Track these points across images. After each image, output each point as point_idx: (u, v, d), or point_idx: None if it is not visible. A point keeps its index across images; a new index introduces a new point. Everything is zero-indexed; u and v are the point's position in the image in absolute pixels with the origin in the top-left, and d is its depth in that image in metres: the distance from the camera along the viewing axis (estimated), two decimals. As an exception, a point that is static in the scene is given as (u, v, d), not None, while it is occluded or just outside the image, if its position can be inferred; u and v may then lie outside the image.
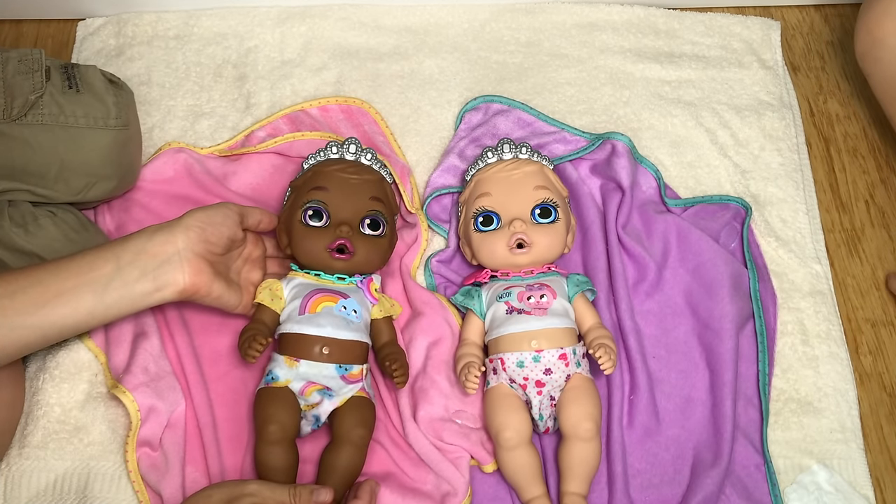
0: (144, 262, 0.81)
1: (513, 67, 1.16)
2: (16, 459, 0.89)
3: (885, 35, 1.01)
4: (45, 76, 0.93)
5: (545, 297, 0.90)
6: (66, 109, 0.93)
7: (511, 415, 0.87)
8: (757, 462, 0.91)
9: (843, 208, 1.10)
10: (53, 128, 0.92)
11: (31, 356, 0.94)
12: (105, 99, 0.95)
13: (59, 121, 0.92)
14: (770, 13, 1.24)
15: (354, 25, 1.19)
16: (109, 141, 0.95)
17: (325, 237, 0.90)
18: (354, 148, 0.96)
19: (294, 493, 0.78)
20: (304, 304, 0.88)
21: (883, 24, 1.01)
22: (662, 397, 0.93)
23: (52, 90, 0.93)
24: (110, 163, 0.96)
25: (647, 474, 0.90)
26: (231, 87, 1.13)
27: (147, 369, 0.91)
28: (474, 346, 0.92)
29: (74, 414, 0.91)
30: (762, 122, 1.12)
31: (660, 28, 1.20)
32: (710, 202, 1.04)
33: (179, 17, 1.18)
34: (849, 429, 0.93)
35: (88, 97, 0.94)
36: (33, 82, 0.92)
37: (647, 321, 0.97)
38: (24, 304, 0.78)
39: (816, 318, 0.99)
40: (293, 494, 0.78)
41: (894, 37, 1.00)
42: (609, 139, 1.04)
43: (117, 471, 0.89)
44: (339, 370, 0.86)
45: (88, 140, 0.93)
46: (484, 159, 0.99)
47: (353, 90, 1.13)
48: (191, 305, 0.93)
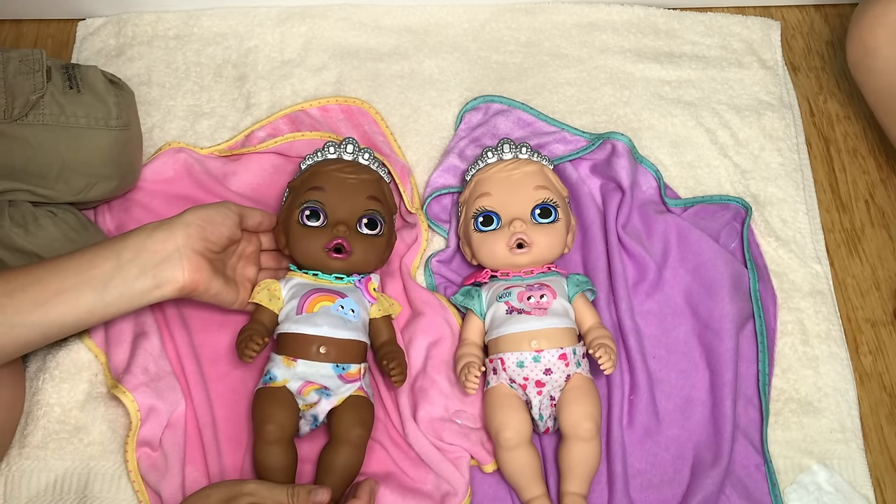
0: (144, 260, 0.81)
1: (513, 67, 1.16)
2: (16, 459, 0.89)
3: (878, 44, 0.96)
4: (46, 76, 0.93)
5: (545, 297, 0.90)
6: (67, 110, 0.93)
7: (511, 415, 0.87)
8: (757, 462, 0.91)
9: (843, 208, 1.10)
10: (54, 128, 0.92)
11: (31, 356, 0.94)
12: (106, 99, 0.95)
13: (59, 121, 0.92)
14: (770, 13, 1.24)
15: (354, 25, 1.19)
16: (110, 141, 0.95)
17: (322, 237, 0.90)
18: (352, 148, 0.96)
19: (292, 493, 0.78)
20: (301, 303, 0.88)
21: (875, 32, 0.96)
22: (662, 397, 0.93)
23: (52, 90, 0.93)
24: (111, 163, 0.96)
25: (647, 474, 0.90)
26: (231, 87, 1.13)
27: (147, 369, 0.91)
28: (474, 346, 0.92)
29: (74, 414, 0.91)
30: (762, 122, 1.12)
31: (660, 28, 1.20)
32: (710, 202, 1.04)
33: (179, 17, 1.18)
34: (849, 429, 0.93)
35: (89, 97, 0.94)
36: (34, 82, 0.92)
37: (647, 321, 0.97)
38: (23, 302, 0.77)
39: (816, 318, 0.99)
40: (291, 494, 0.78)
41: (888, 46, 0.96)
42: (609, 139, 1.04)
43: (117, 471, 0.89)
44: (336, 369, 0.86)
45: (89, 140, 0.93)
46: (484, 159, 0.99)
47: (353, 90, 1.13)
48: (190, 304, 0.93)
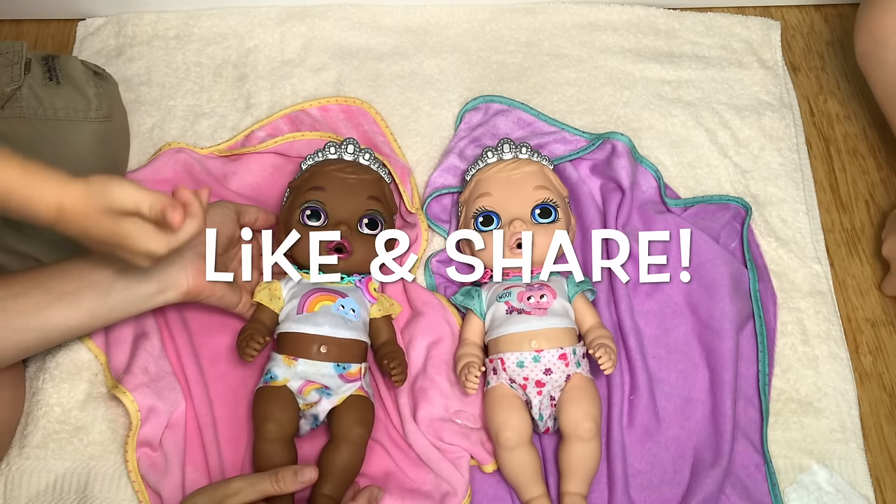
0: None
1: (513, 67, 1.16)
2: (16, 459, 0.89)
3: (888, 35, 0.96)
4: (24, 69, 0.91)
5: (545, 297, 0.90)
6: (45, 102, 0.91)
7: (511, 415, 0.87)
8: (757, 462, 0.91)
9: (843, 208, 1.09)
10: (32, 121, 0.90)
11: (31, 356, 0.94)
12: (86, 90, 0.93)
13: (37, 113, 0.90)
14: (770, 13, 1.24)
15: (354, 25, 1.19)
16: (91, 133, 0.93)
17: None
18: (352, 148, 0.96)
19: (276, 479, 0.77)
20: (302, 303, 0.88)
21: (885, 22, 0.96)
22: (662, 397, 0.93)
23: (31, 82, 0.91)
24: (93, 155, 0.94)
25: (647, 474, 0.90)
26: (231, 87, 1.13)
27: (147, 370, 0.91)
28: (474, 346, 0.92)
29: (74, 414, 0.91)
30: (762, 122, 1.12)
31: (660, 28, 1.20)
32: (710, 202, 1.04)
33: (179, 17, 1.18)
34: (849, 429, 0.93)
35: (69, 89, 0.92)
36: (11, 74, 0.90)
37: (647, 321, 0.97)
38: (26, 306, 0.77)
39: (816, 318, 0.99)
40: (274, 480, 0.77)
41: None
42: (609, 139, 1.04)
43: (117, 471, 0.89)
44: (337, 369, 0.86)
45: (69, 132, 0.92)
46: (484, 159, 0.99)
47: (353, 90, 1.13)
48: (191, 305, 0.92)
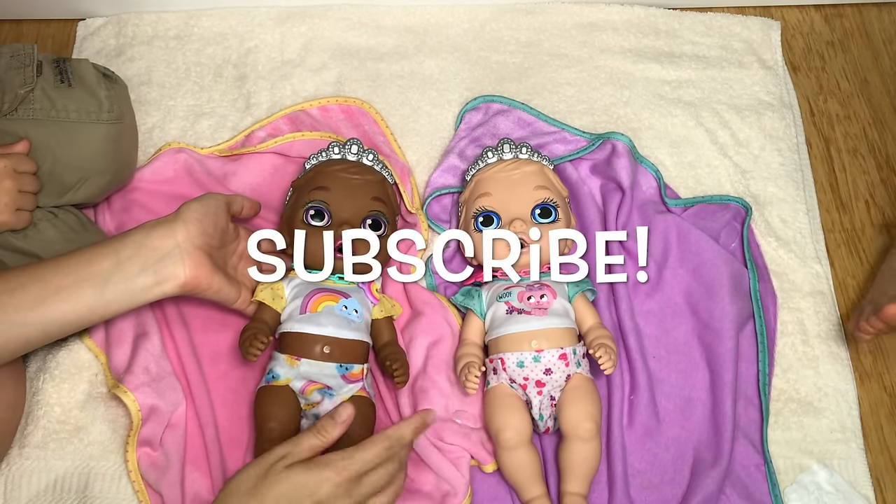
0: (145, 257, 0.81)
1: (513, 67, 1.16)
2: (16, 459, 0.89)
3: None
4: (36, 71, 0.92)
5: (545, 297, 0.90)
6: (58, 104, 0.92)
7: (511, 415, 0.87)
8: (757, 462, 0.91)
9: (843, 208, 1.10)
10: (45, 122, 0.91)
11: (32, 356, 0.94)
12: (97, 92, 0.94)
13: (50, 115, 0.91)
14: (770, 13, 1.24)
15: (354, 25, 1.19)
16: (102, 135, 0.94)
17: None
18: (356, 148, 0.96)
19: (318, 432, 0.77)
20: (305, 303, 0.88)
21: None
22: (662, 397, 0.93)
23: (43, 85, 0.92)
24: (104, 157, 0.95)
25: (648, 474, 0.90)
26: (231, 87, 1.13)
27: (148, 369, 0.91)
28: (474, 346, 0.92)
29: (74, 414, 0.91)
30: (762, 122, 1.12)
31: (660, 28, 1.20)
32: (711, 202, 1.04)
33: (179, 17, 1.18)
34: (849, 429, 0.93)
35: (80, 91, 0.93)
36: (24, 77, 0.91)
37: (647, 321, 0.97)
38: (24, 300, 0.77)
39: (816, 318, 0.99)
40: (317, 433, 0.77)
41: None
42: (609, 139, 1.04)
43: (117, 471, 0.89)
44: (339, 369, 0.86)
45: (81, 134, 0.92)
46: (484, 159, 0.99)
47: (353, 90, 1.13)
48: (190, 303, 0.93)
